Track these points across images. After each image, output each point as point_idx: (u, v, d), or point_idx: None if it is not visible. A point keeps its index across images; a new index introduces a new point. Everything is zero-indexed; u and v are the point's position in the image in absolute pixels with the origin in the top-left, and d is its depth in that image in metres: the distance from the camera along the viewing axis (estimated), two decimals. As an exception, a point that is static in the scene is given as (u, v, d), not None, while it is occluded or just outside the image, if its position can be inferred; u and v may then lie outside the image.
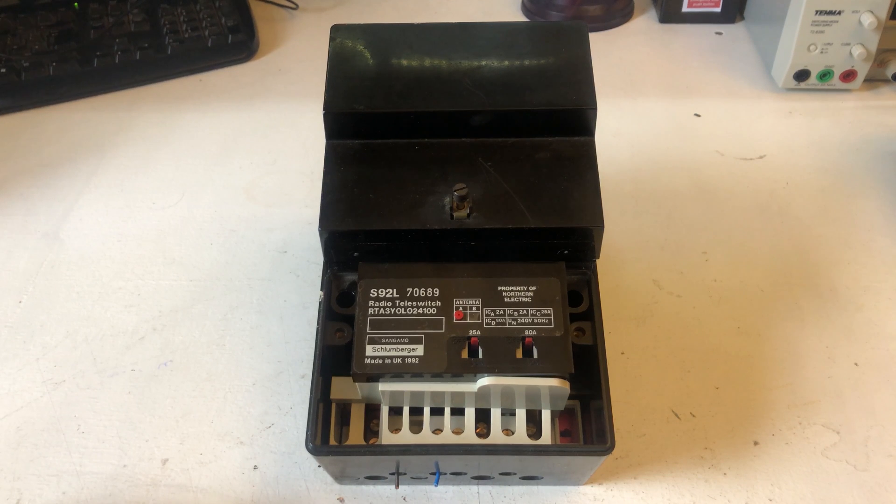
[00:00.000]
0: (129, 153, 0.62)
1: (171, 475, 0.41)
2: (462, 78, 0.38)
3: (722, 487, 0.40)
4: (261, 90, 0.69)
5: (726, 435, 0.42)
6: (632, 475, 0.41)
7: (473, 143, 0.38)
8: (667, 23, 0.74)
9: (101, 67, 0.67)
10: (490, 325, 0.34)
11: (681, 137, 0.62)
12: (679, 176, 0.58)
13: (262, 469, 0.42)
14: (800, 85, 0.64)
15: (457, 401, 0.36)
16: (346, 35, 0.39)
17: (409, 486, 0.41)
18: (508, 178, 0.37)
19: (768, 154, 0.60)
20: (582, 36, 0.39)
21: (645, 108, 0.65)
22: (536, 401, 0.36)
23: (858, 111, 0.63)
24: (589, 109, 0.37)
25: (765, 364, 0.46)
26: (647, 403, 0.44)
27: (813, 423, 0.43)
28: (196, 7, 0.73)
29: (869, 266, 0.51)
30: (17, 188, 0.59)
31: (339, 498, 0.40)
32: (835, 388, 0.44)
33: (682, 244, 0.53)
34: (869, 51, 0.61)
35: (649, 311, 0.49)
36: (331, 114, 0.37)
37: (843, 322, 0.48)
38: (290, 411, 0.44)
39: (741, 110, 0.64)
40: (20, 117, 0.66)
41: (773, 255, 0.52)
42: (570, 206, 0.36)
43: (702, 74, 0.68)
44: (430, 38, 0.39)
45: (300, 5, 0.78)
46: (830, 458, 0.41)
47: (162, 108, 0.67)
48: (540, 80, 0.38)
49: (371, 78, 0.38)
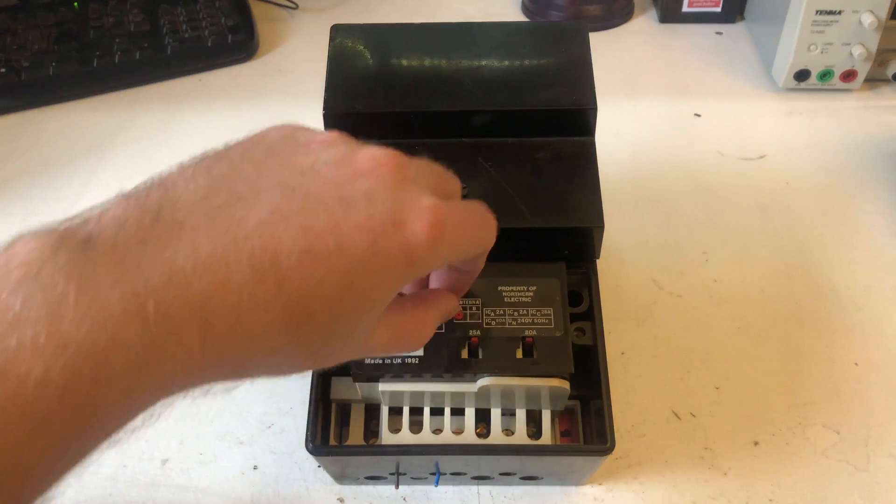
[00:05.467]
0: (129, 153, 0.62)
1: (171, 475, 0.41)
2: (462, 78, 0.38)
3: (722, 487, 0.40)
4: (261, 90, 0.69)
5: (726, 435, 0.42)
6: (632, 475, 0.41)
7: (473, 143, 0.38)
8: (667, 23, 0.74)
9: (101, 67, 0.67)
10: (490, 325, 0.34)
11: (681, 137, 0.62)
12: (679, 176, 0.58)
13: (261, 469, 0.42)
14: (800, 85, 0.64)
15: (457, 401, 0.36)
16: (346, 35, 0.39)
17: (409, 486, 0.41)
18: (508, 178, 0.37)
19: (768, 154, 0.60)
20: (582, 36, 0.39)
21: (645, 108, 0.65)
22: (536, 401, 0.36)
23: (859, 111, 0.63)
24: (589, 109, 0.37)
25: (765, 364, 0.46)
26: (647, 403, 0.44)
27: (813, 423, 0.43)
28: (196, 7, 0.73)
29: (869, 266, 0.51)
30: (17, 188, 0.59)
31: (339, 498, 0.40)
32: (835, 388, 0.44)
33: (682, 244, 0.53)
34: (869, 51, 0.61)
35: (649, 311, 0.49)
36: (331, 114, 0.37)
37: (843, 322, 0.48)
38: (290, 411, 0.44)
39: (741, 110, 0.64)
40: (20, 117, 0.66)
41: (773, 255, 0.52)
42: (570, 206, 0.36)
43: (702, 74, 0.68)
44: (430, 38, 0.39)
45: (300, 5, 0.78)
46: (830, 458, 0.41)
47: (162, 108, 0.67)
48: (540, 79, 0.38)
49: (371, 78, 0.38)
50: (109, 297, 0.19)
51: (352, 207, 0.22)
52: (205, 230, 0.21)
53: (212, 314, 0.20)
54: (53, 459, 0.19)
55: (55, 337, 0.18)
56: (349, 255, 0.22)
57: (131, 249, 0.20)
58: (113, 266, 0.19)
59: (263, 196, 0.22)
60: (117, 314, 0.19)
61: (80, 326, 0.18)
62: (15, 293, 0.18)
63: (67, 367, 0.18)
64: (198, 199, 0.22)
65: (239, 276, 0.20)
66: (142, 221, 0.20)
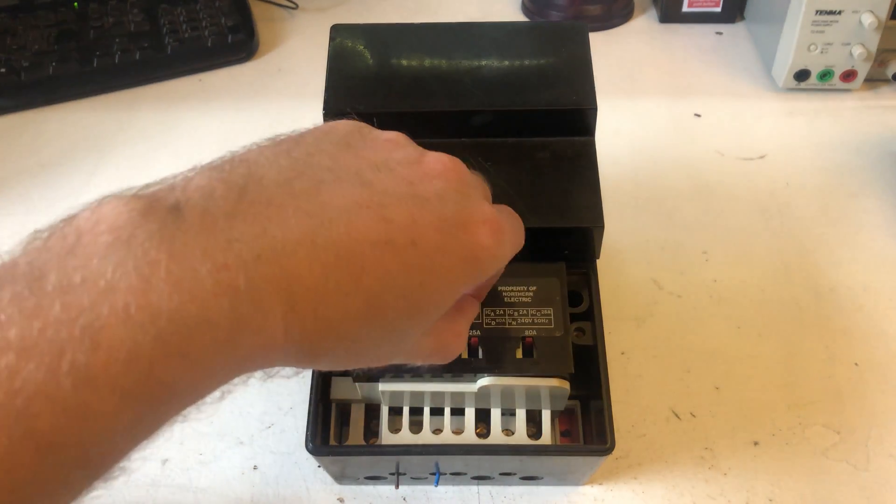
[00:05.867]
0: (129, 153, 0.62)
1: (171, 475, 0.41)
2: (462, 78, 0.38)
3: (722, 487, 0.40)
4: (261, 90, 0.69)
5: (726, 435, 0.42)
6: (632, 475, 0.41)
7: (473, 143, 0.38)
8: (667, 23, 0.74)
9: (100, 67, 0.67)
10: (490, 325, 0.34)
11: (681, 137, 0.62)
12: (679, 176, 0.58)
13: (261, 469, 0.42)
14: (800, 85, 0.64)
15: (457, 401, 0.36)
16: (345, 35, 0.39)
17: (409, 486, 0.41)
18: (509, 178, 0.37)
19: (768, 154, 0.60)
20: (582, 36, 0.39)
21: (645, 107, 0.65)
22: (536, 401, 0.36)
23: (859, 111, 0.63)
24: (589, 109, 0.37)
25: (765, 364, 0.46)
26: (647, 403, 0.44)
27: (813, 423, 0.43)
28: (196, 7, 0.73)
29: (869, 266, 0.51)
30: (17, 188, 0.59)
31: (339, 498, 0.40)
32: (835, 388, 0.44)
33: (682, 244, 0.53)
34: (869, 51, 0.61)
35: (649, 311, 0.49)
36: (331, 114, 0.37)
37: (843, 322, 0.48)
38: (290, 411, 0.44)
39: (741, 110, 0.64)
40: (20, 117, 0.66)
41: (773, 254, 0.52)
42: (570, 206, 0.36)
43: (702, 74, 0.68)
44: (430, 38, 0.39)
45: (300, 5, 0.78)
46: (831, 459, 0.41)
47: (162, 108, 0.67)
48: (540, 79, 0.38)
49: (371, 78, 0.38)
50: (200, 269, 0.18)
51: (426, 205, 0.23)
52: (292, 210, 0.21)
53: (297, 294, 0.20)
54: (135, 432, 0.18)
55: (146, 308, 0.17)
56: (422, 251, 0.22)
57: (219, 222, 0.19)
58: (203, 237, 0.19)
59: (344, 184, 0.22)
60: (209, 287, 0.18)
61: (170, 298, 0.18)
62: (106, 259, 0.18)
63: (157, 340, 0.17)
64: (282, 179, 0.22)
65: (324, 259, 0.20)
66: (228, 195, 0.20)
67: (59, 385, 0.16)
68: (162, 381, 0.18)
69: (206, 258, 0.18)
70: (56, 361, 0.16)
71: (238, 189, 0.21)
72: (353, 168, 0.23)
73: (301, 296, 0.20)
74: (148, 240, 0.18)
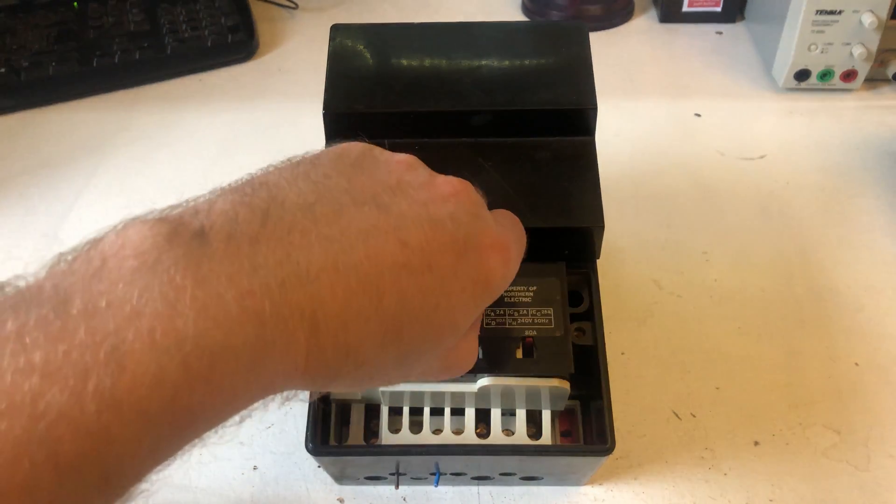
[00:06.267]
0: (128, 153, 0.62)
1: (171, 475, 0.41)
2: (462, 78, 0.38)
3: (722, 488, 0.40)
4: (261, 90, 0.69)
5: (727, 435, 0.42)
6: (632, 475, 0.41)
7: (473, 143, 0.38)
8: (667, 22, 0.74)
9: (100, 67, 0.67)
10: (490, 325, 0.34)
11: (681, 137, 0.62)
12: (679, 176, 0.58)
13: (261, 469, 0.42)
14: (800, 85, 0.64)
15: (457, 401, 0.36)
16: (345, 35, 0.39)
17: (409, 487, 0.40)
18: (509, 178, 0.37)
19: (769, 154, 0.60)
20: (582, 36, 0.39)
21: (645, 108, 0.65)
22: (536, 401, 0.36)
23: (859, 111, 0.63)
24: (589, 109, 0.37)
25: (765, 364, 0.46)
26: (647, 403, 0.44)
27: (813, 423, 0.43)
28: (196, 7, 0.73)
29: (869, 266, 0.51)
30: (17, 188, 0.59)
31: (338, 498, 0.40)
32: (835, 388, 0.44)
33: (682, 244, 0.53)
34: (869, 50, 0.61)
35: (649, 311, 0.49)
36: (330, 114, 0.37)
37: (843, 322, 0.48)
38: (290, 411, 0.44)
39: (741, 110, 0.64)
40: (20, 117, 0.66)
41: (773, 255, 0.52)
42: (570, 206, 0.36)
43: (702, 74, 0.68)
44: (430, 38, 0.39)
45: (300, 5, 0.78)
46: (831, 459, 0.41)
47: (162, 108, 0.67)
48: (540, 79, 0.38)
49: (371, 78, 0.38)
50: (225, 295, 0.18)
51: (440, 227, 0.23)
52: (315, 235, 0.21)
53: (319, 320, 0.20)
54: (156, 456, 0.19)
55: (172, 334, 0.17)
56: (437, 274, 0.22)
57: (243, 247, 0.19)
58: (228, 262, 0.19)
59: (362, 208, 0.22)
60: (234, 313, 0.18)
61: (196, 324, 0.18)
62: (131, 284, 0.18)
63: (183, 366, 0.17)
64: (303, 203, 0.22)
65: (346, 285, 0.20)
66: (252, 219, 0.20)
67: (83, 409, 0.16)
68: (185, 406, 0.18)
69: (232, 284, 0.19)
70: (80, 385, 0.16)
71: (261, 213, 0.21)
72: (370, 191, 0.23)
73: (323, 322, 0.20)
74: (173, 265, 0.18)
